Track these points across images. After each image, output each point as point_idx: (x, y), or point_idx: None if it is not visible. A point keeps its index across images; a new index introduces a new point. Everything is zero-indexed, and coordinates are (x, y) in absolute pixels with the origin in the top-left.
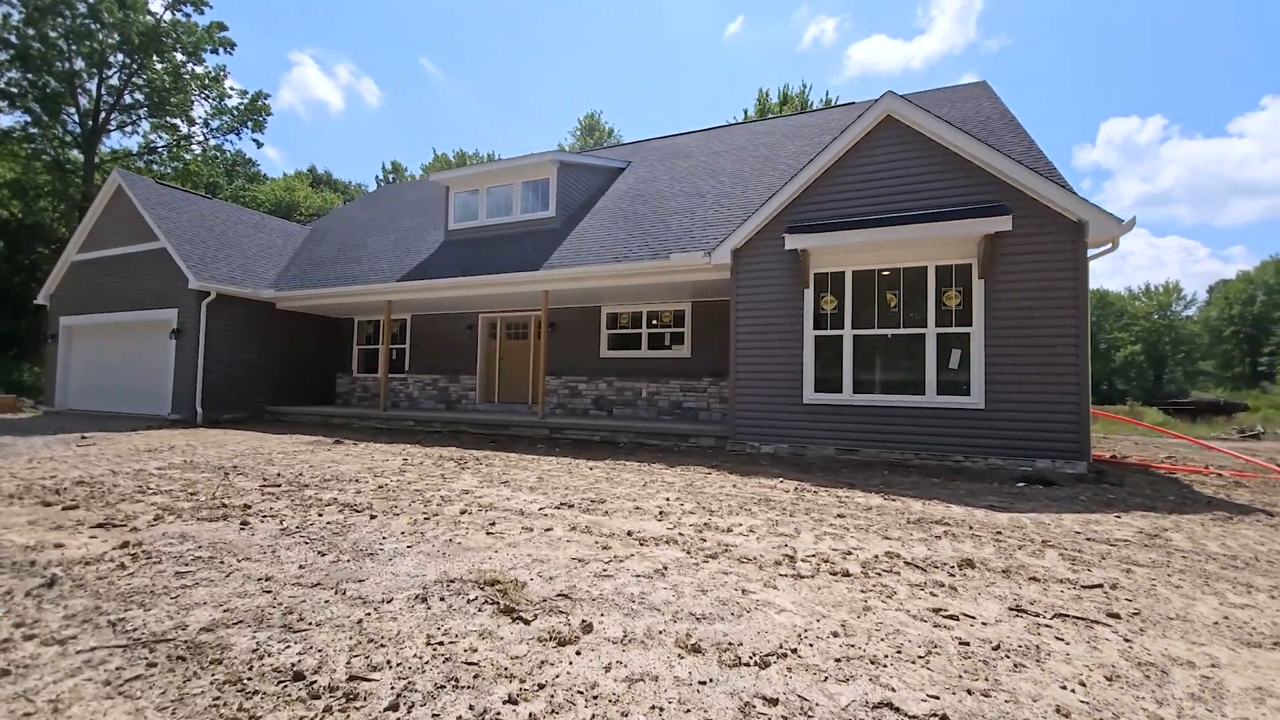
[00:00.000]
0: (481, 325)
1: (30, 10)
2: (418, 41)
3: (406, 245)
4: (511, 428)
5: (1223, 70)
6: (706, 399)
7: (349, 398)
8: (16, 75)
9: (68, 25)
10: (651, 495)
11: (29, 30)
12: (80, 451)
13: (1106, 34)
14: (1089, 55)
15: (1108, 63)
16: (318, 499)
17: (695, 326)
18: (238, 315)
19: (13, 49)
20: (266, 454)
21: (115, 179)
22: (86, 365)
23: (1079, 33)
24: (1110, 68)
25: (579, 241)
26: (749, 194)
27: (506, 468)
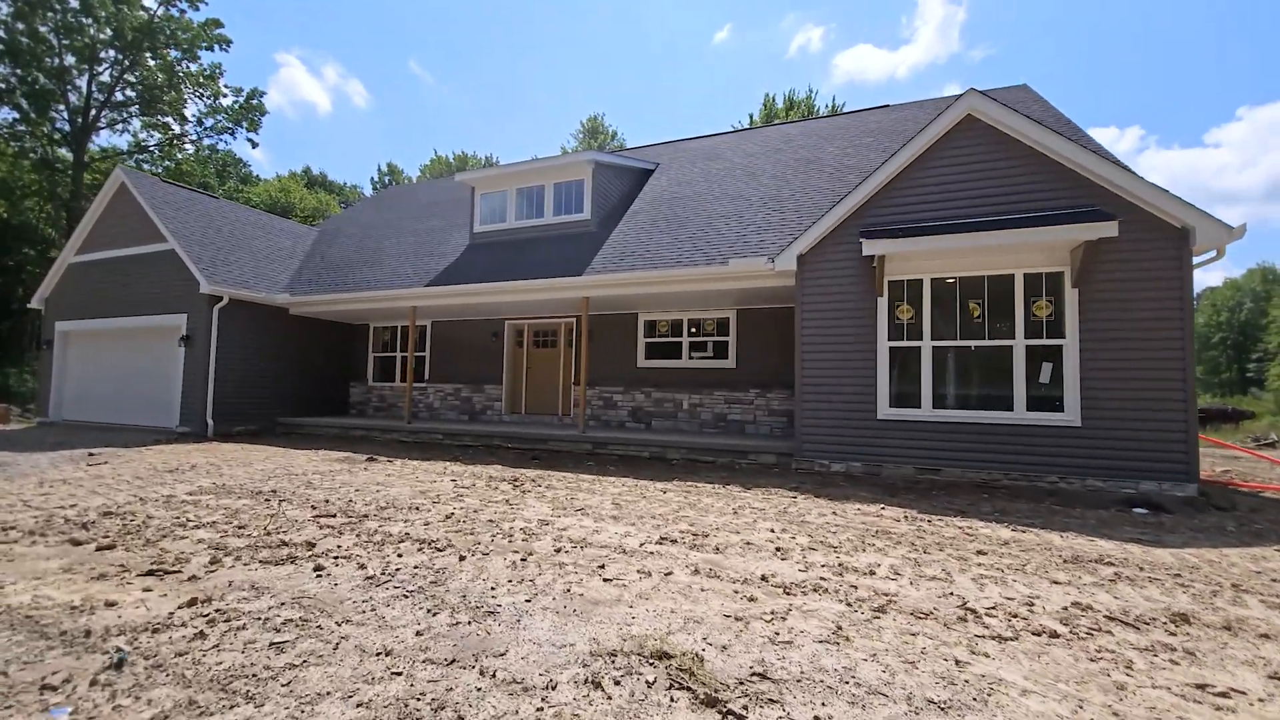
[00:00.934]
0: (508, 332)
1: (19, 4)
2: (405, 44)
3: (428, 248)
4: (550, 442)
5: (1199, 82)
6: (753, 411)
7: (364, 408)
8: (5, 70)
9: (58, 20)
10: (751, 526)
11: (18, 25)
12: (93, 472)
13: (1086, 45)
14: (1069, 66)
15: (1086, 74)
16: (385, 533)
17: (740, 335)
18: (250, 321)
19: (1, 44)
20: (300, 474)
21: (118, 176)
22: (84, 373)
23: (1059, 44)
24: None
25: (621, 246)
26: (797, 197)
27: (571, 491)
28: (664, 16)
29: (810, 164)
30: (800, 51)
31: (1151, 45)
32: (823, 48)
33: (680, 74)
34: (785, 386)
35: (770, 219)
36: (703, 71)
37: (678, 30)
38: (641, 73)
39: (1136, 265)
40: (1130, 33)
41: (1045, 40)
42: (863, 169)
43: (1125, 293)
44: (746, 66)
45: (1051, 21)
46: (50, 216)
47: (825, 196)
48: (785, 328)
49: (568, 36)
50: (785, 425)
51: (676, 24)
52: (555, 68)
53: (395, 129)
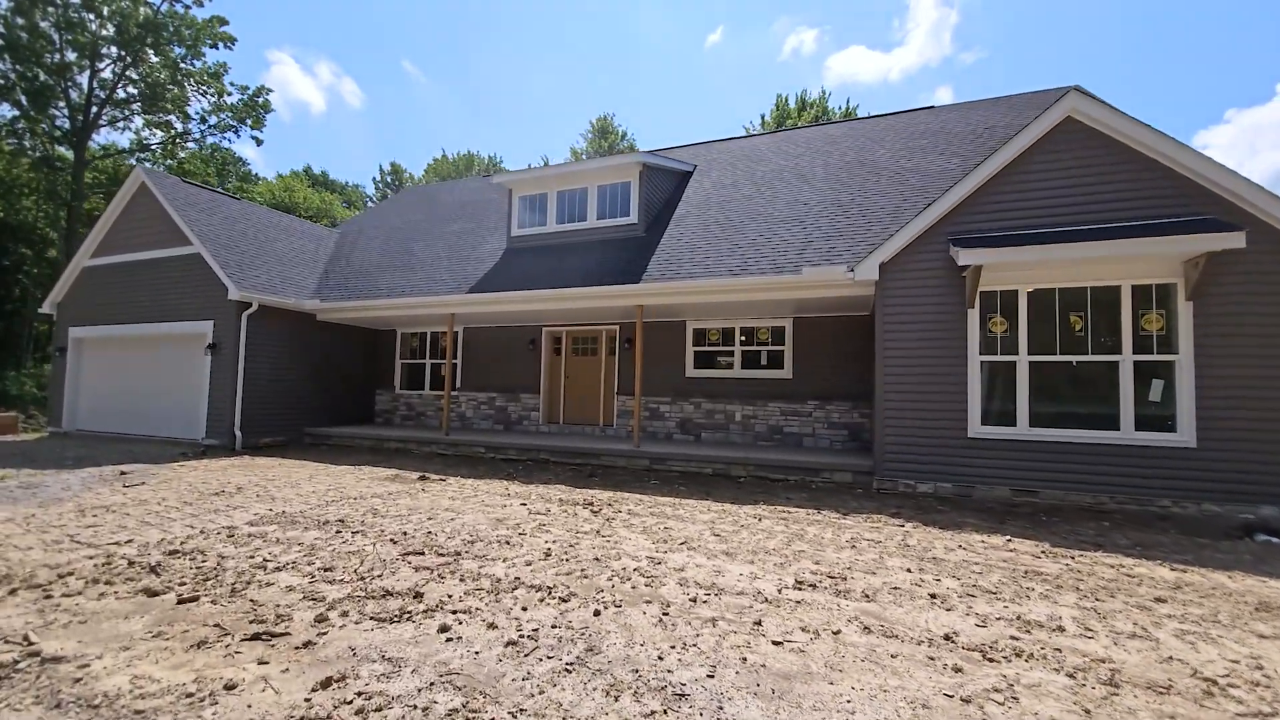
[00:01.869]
0: (544, 339)
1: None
2: (398, 43)
3: (462, 252)
4: (602, 457)
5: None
6: (812, 424)
7: (390, 416)
8: (4, 66)
9: (59, 15)
10: (880, 564)
11: (17, 20)
12: (133, 495)
13: (1074, 49)
14: (1058, 69)
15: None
16: (491, 577)
17: (797, 345)
18: (278, 328)
19: (1, 39)
20: (358, 498)
21: (138, 176)
22: (99, 382)
23: (1049, 47)
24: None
25: (675, 252)
26: (858, 201)
27: (658, 519)
28: (656, 20)
29: (863, 166)
30: (793, 54)
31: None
32: (816, 49)
33: (673, 77)
34: (846, 398)
35: (835, 224)
36: (696, 74)
37: (670, 33)
38: (634, 76)
39: (1260, 278)
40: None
41: (1034, 43)
42: (923, 171)
43: (1247, 306)
44: (740, 69)
45: (1041, 25)
46: (49, 216)
47: (889, 201)
48: (846, 337)
49: (556, 40)
50: (846, 439)
51: (669, 27)
52: (546, 71)
53: (391, 129)
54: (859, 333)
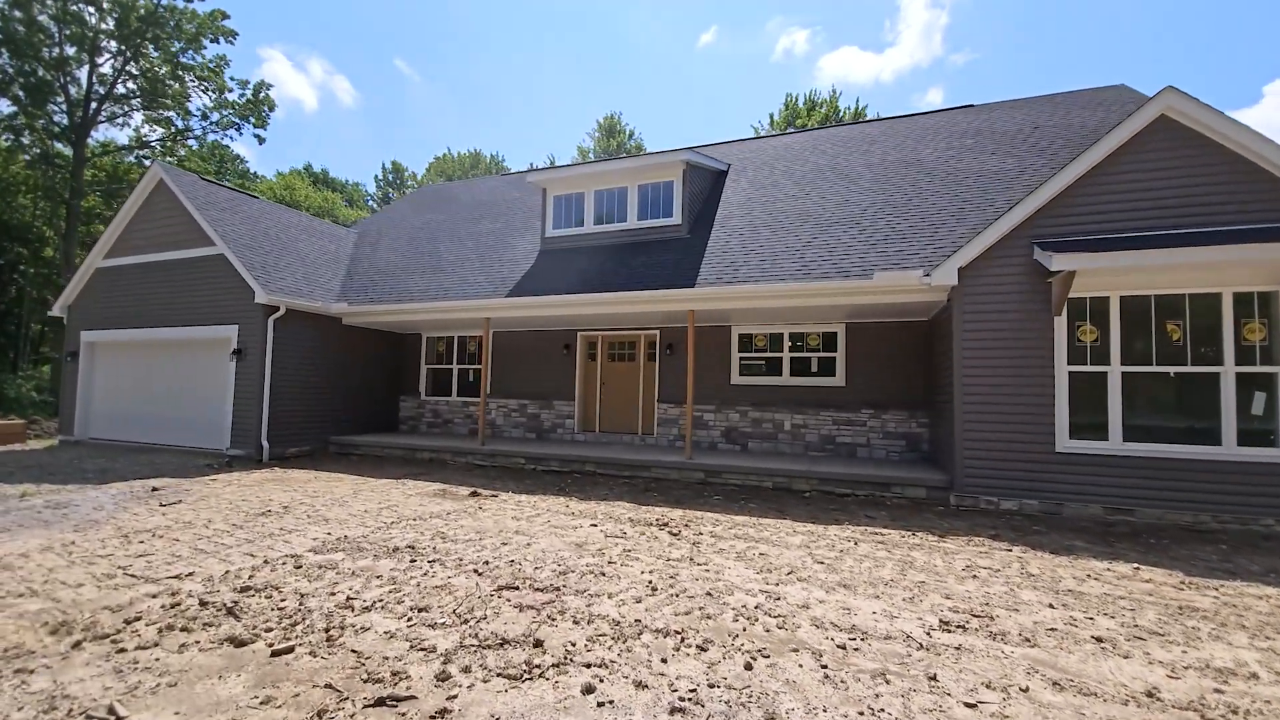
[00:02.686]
0: (579, 345)
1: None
2: (390, 42)
3: (493, 254)
4: (652, 469)
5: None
6: (866, 434)
7: (416, 424)
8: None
9: (58, 7)
10: (1013, 597)
11: (15, 13)
12: (174, 516)
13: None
14: (1052, 69)
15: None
16: (605, 618)
17: (850, 351)
18: (304, 333)
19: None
20: (416, 518)
21: (156, 173)
22: (114, 388)
23: (1042, 47)
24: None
25: (727, 254)
26: (914, 203)
27: (746, 543)
28: (648, 20)
29: (910, 166)
30: (786, 54)
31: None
32: (809, 49)
33: (666, 77)
34: (902, 407)
35: (895, 227)
36: (689, 74)
37: (662, 33)
38: (627, 75)
39: None
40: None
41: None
42: (977, 172)
43: None
44: (733, 69)
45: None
46: (47, 214)
47: (947, 202)
48: (902, 344)
49: (547, 39)
50: (904, 449)
51: (661, 27)
52: (537, 71)
53: (385, 127)
54: (915, 339)
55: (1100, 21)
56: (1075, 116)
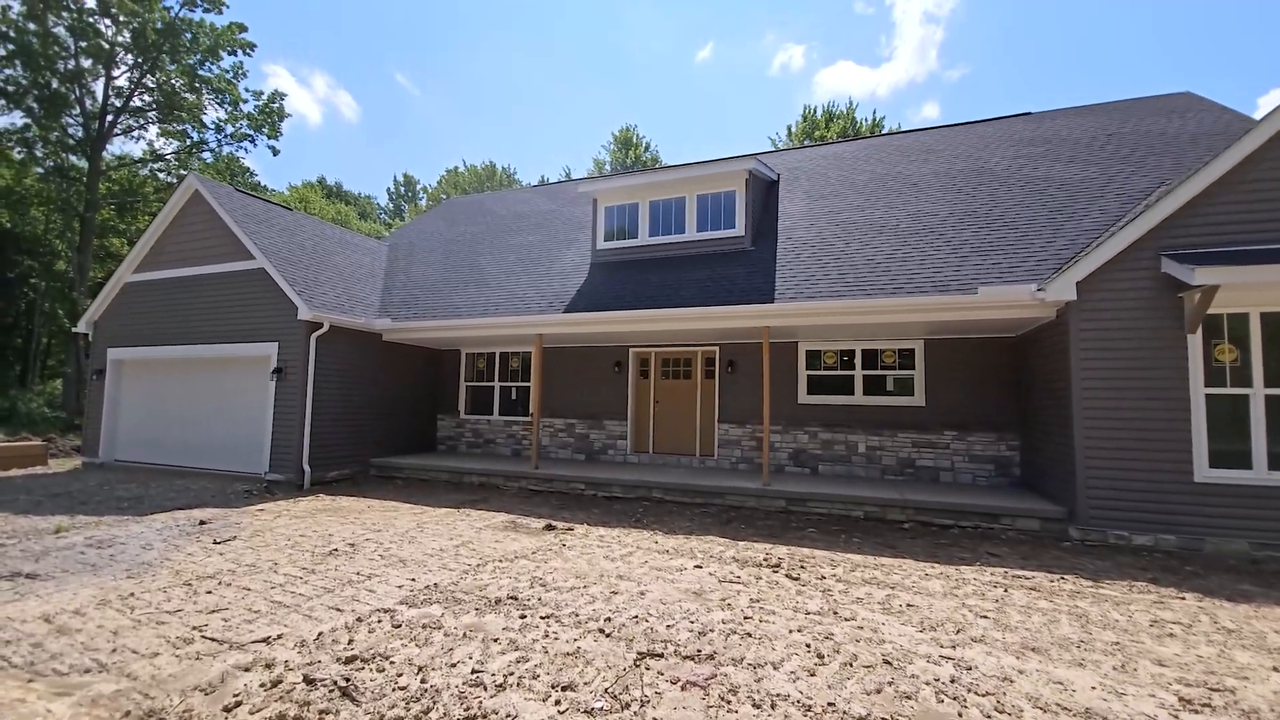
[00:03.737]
0: (632, 362)
1: (32, 2)
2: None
3: (539, 267)
4: (726, 496)
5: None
6: (950, 457)
7: (455, 444)
8: (15, 73)
9: (73, 20)
10: (1229, 658)
11: (29, 25)
12: (233, 556)
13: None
14: (1044, 85)
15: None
16: (793, 701)
17: (929, 369)
18: (346, 350)
19: (11, 43)
20: (498, 559)
21: (191, 184)
22: (142, 408)
23: (1034, 63)
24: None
25: (801, 267)
26: (996, 212)
27: (878, 588)
28: (646, 34)
29: (981, 174)
30: (782, 69)
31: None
32: (804, 64)
33: (667, 91)
34: (990, 429)
35: (985, 238)
36: (687, 88)
37: (660, 48)
38: (628, 90)
39: None
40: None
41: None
42: (1060, 181)
43: None
44: (732, 83)
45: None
46: (59, 227)
47: (1034, 212)
48: (987, 362)
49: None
50: (993, 474)
51: (659, 42)
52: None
53: (390, 141)
54: (1000, 357)
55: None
56: (1149, 124)
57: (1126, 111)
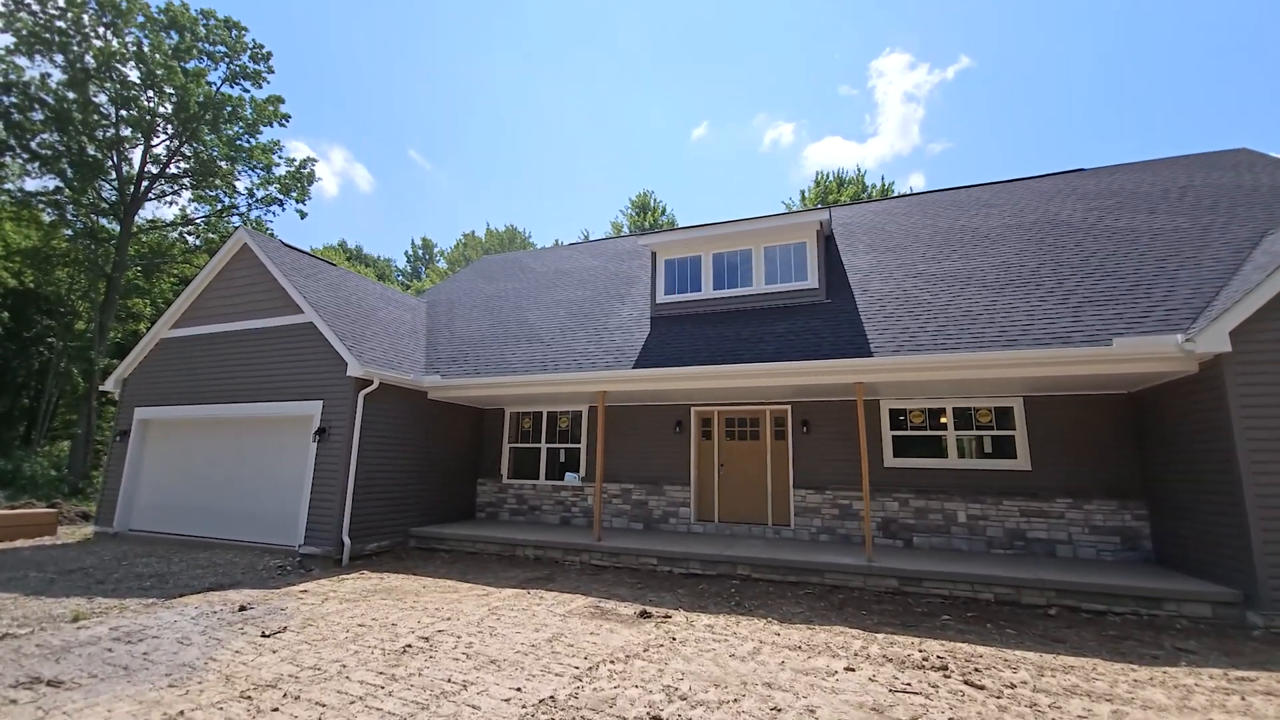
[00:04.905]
0: (694, 422)
1: (75, 72)
2: (405, 133)
3: (594, 322)
4: (825, 574)
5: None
6: (1066, 528)
7: (496, 511)
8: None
9: (115, 91)
10: None
11: (68, 94)
12: (288, 654)
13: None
14: (1022, 159)
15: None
16: None
17: (1034, 429)
18: (393, 409)
19: (50, 109)
20: (605, 658)
21: (240, 238)
22: (165, 473)
23: (1013, 138)
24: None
25: (891, 320)
26: (1092, 261)
27: (1093, 702)
28: (645, 115)
29: (1056, 226)
30: (773, 145)
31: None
32: (794, 140)
33: (665, 164)
34: (1110, 495)
35: (1093, 289)
36: (686, 162)
37: (658, 126)
38: (630, 162)
39: None
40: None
41: (999, 135)
42: (1153, 231)
43: None
44: (726, 158)
45: (1003, 118)
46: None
47: (1138, 261)
48: (1099, 421)
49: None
50: (1119, 547)
51: (658, 121)
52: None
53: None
54: (1113, 414)
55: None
56: (1217, 177)
57: (1186, 167)
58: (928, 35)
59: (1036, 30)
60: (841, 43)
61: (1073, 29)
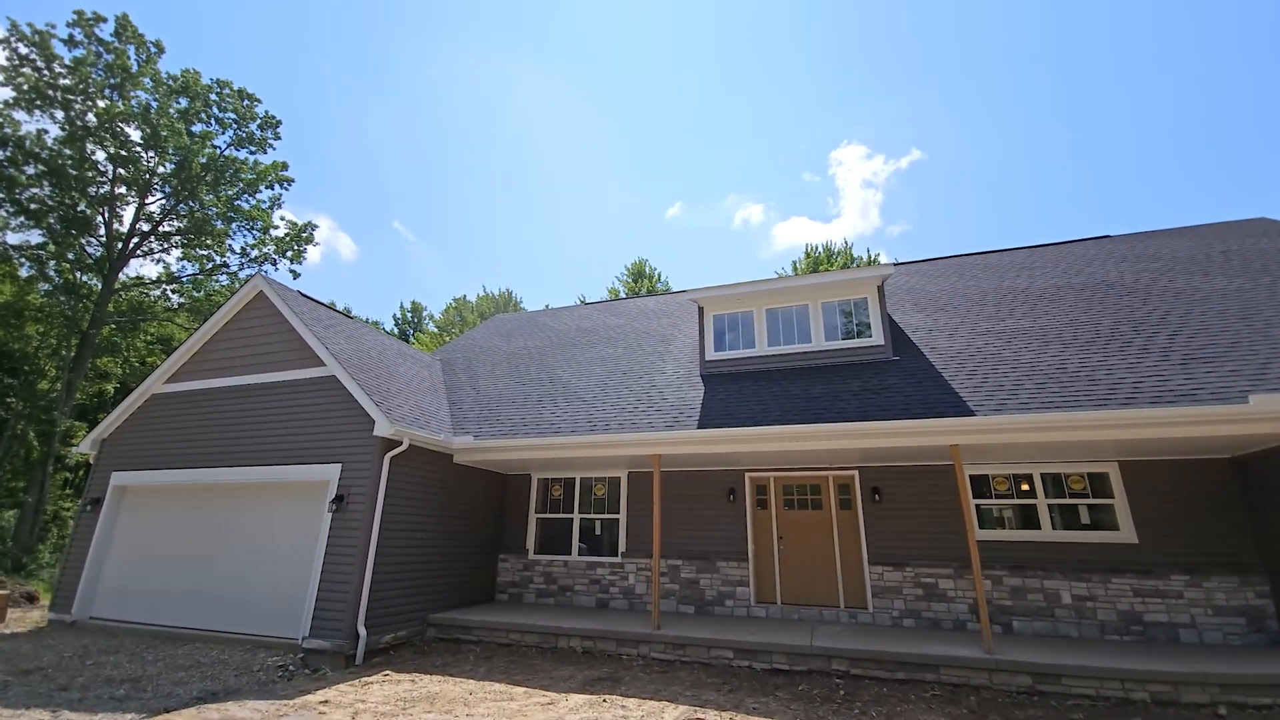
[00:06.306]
0: (749, 489)
1: (74, 129)
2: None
3: (635, 379)
4: (941, 669)
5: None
6: (1187, 609)
7: (520, 591)
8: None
9: (114, 150)
10: None
11: (64, 150)
12: None
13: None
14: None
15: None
16: None
17: (1133, 497)
18: (421, 474)
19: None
20: None
21: (256, 285)
22: (139, 549)
23: (966, 221)
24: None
25: (976, 378)
26: (1170, 319)
27: None
28: (624, 197)
29: (1109, 287)
30: (744, 224)
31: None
32: (764, 219)
33: (641, 240)
34: (1229, 571)
35: (1188, 347)
36: (660, 244)
37: (634, 203)
38: (605, 239)
39: None
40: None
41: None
42: (1223, 292)
43: None
44: (699, 234)
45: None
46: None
47: (1226, 321)
48: (1204, 487)
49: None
50: (1245, 630)
51: (634, 202)
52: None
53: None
54: (1218, 480)
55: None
56: (1255, 243)
57: (1210, 235)
58: (881, 130)
59: (979, 127)
60: (803, 135)
61: (1008, 125)
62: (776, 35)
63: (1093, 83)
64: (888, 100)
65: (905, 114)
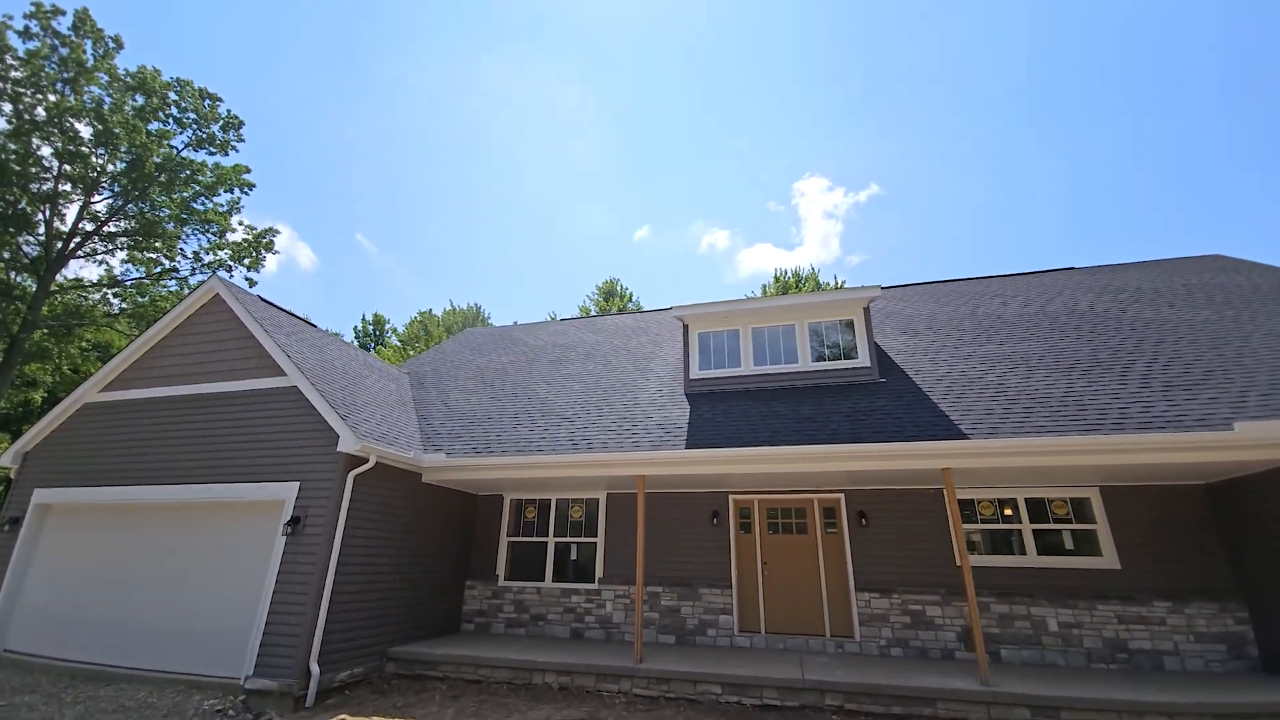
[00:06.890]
0: (732, 513)
1: (21, 123)
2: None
3: (618, 396)
4: (937, 702)
5: None
6: (1170, 636)
7: (488, 620)
8: None
9: (62, 146)
10: None
11: (10, 144)
12: None
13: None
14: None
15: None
16: None
17: (1116, 523)
18: (386, 494)
19: None
20: None
21: (212, 287)
22: (61, 576)
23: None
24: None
25: (968, 401)
26: (1143, 347)
27: None
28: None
29: (1083, 315)
30: (710, 248)
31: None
32: (729, 245)
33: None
34: (1208, 597)
35: (1166, 374)
36: (628, 265)
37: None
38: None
39: None
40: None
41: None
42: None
43: None
44: (666, 257)
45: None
46: None
47: (1199, 351)
48: (1181, 513)
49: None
50: (1225, 657)
51: (603, 224)
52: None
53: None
54: (1193, 507)
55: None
56: (1213, 278)
57: (1174, 269)
58: (841, 165)
59: (935, 165)
60: (768, 165)
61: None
62: (742, 68)
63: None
64: (847, 136)
65: (863, 150)
